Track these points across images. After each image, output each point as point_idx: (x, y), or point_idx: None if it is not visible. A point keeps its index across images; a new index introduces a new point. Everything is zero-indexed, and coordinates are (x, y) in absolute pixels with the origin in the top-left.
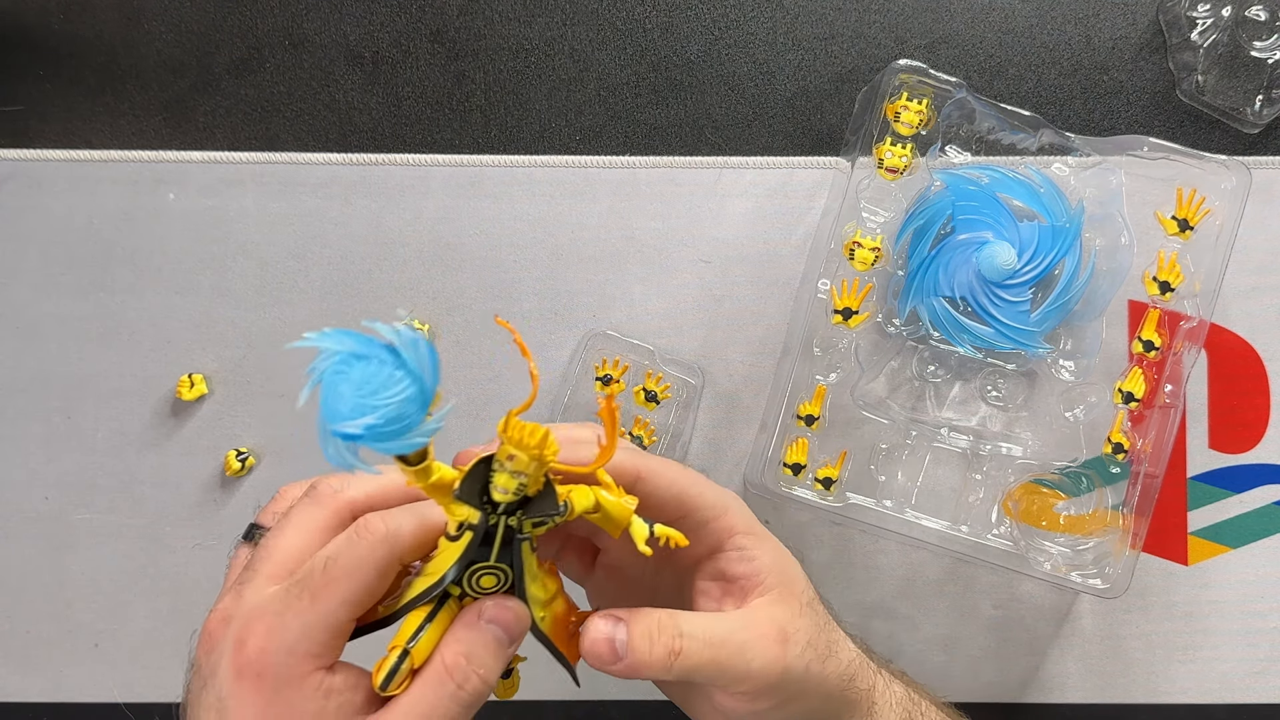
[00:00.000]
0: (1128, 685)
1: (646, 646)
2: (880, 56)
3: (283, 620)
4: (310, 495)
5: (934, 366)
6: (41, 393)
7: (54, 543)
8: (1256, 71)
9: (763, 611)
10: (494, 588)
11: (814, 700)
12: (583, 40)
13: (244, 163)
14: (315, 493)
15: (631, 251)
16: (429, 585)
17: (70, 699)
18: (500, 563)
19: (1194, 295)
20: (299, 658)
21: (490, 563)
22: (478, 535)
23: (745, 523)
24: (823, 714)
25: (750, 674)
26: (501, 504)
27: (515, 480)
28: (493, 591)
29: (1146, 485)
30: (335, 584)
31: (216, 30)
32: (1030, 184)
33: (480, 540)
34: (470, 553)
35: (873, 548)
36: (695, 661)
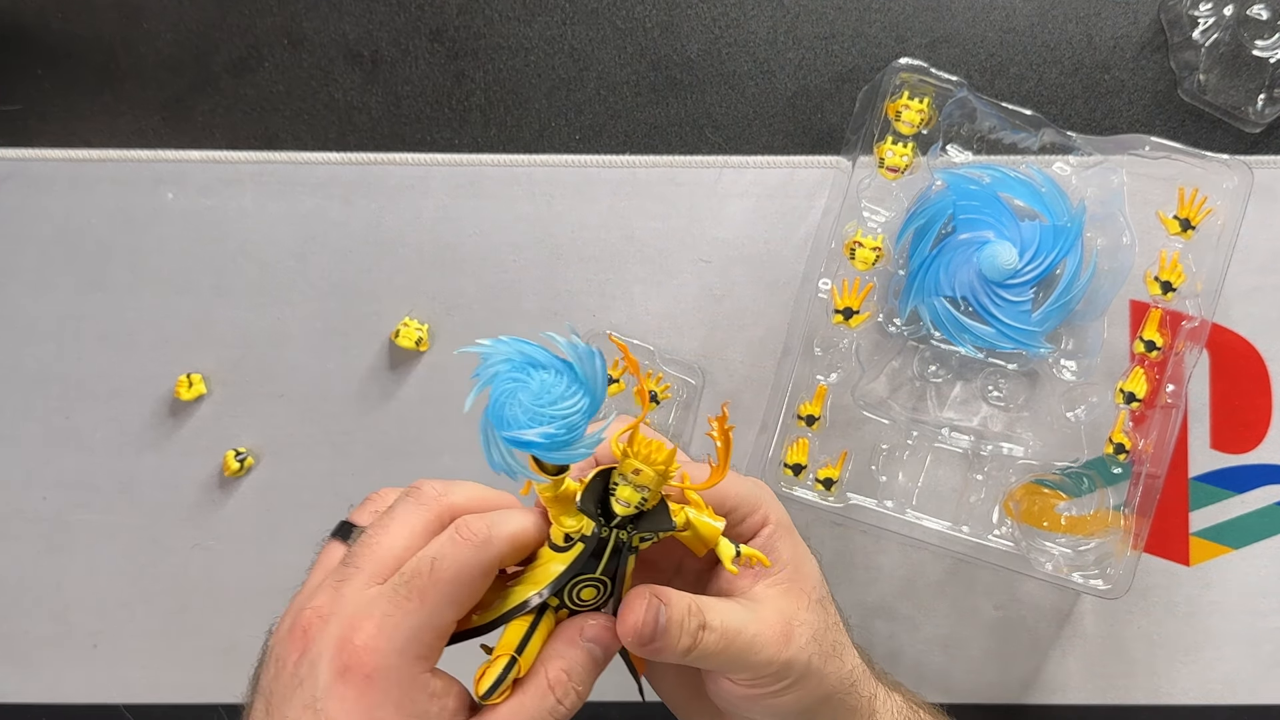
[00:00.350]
0: (1129, 686)
1: (676, 634)
2: (881, 55)
3: (393, 620)
4: (414, 495)
5: (935, 366)
6: (40, 393)
7: (52, 543)
8: (1258, 71)
9: (771, 604)
10: (593, 600)
11: (812, 695)
12: (582, 39)
13: (243, 162)
14: (419, 493)
15: (631, 251)
16: (531, 594)
17: (69, 700)
18: (604, 575)
19: (1196, 295)
20: (409, 659)
21: (595, 575)
22: (589, 547)
23: (776, 515)
24: (823, 716)
25: (753, 665)
26: (618, 517)
27: (639, 494)
28: (591, 604)
29: (1148, 485)
30: (442, 585)
31: (215, 29)
32: (1032, 183)
33: (589, 553)
34: (579, 564)
35: (873, 548)
36: (709, 652)
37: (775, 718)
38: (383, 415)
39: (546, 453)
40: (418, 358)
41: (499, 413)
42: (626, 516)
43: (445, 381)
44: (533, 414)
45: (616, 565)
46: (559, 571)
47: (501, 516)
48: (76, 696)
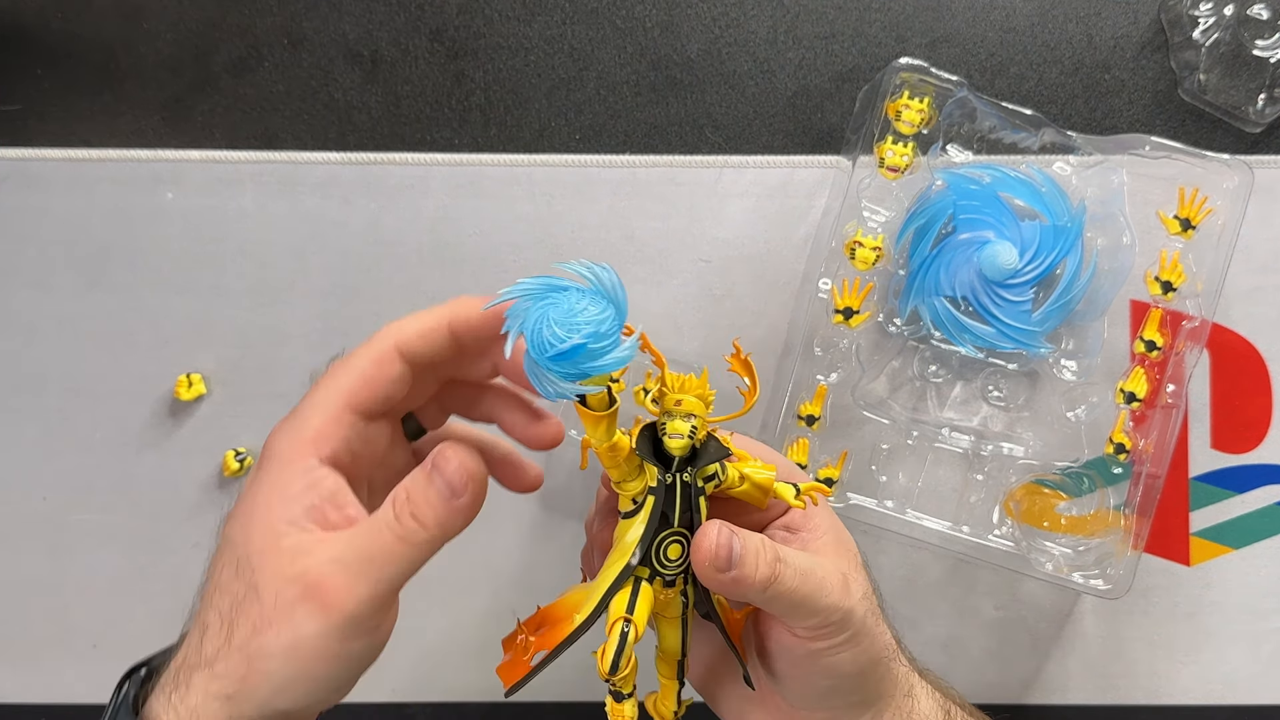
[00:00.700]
0: (1130, 686)
1: (753, 563)
2: (881, 55)
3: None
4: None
5: (935, 366)
6: (39, 393)
7: (52, 543)
8: (1259, 70)
9: (827, 558)
10: (680, 558)
11: (865, 655)
12: (582, 39)
13: (242, 162)
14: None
15: (631, 251)
16: (622, 566)
17: (69, 700)
18: (682, 527)
19: (1196, 295)
20: (296, 442)
21: (674, 527)
22: (659, 498)
23: (805, 485)
24: (868, 682)
25: (821, 609)
26: (675, 458)
27: (687, 424)
28: (679, 562)
29: (1148, 485)
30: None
31: (215, 29)
32: (1032, 183)
33: (661, 505)
34: (655, 520)
35: (874, 548)
36: (787, 587)
37: (831, 680)
38: None
39: (587, 363)
40: None
41: (538, 341)
42: (684, 458)
43: None
44: (567, 327)
45: (690, 514)
46: (639, 534)
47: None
48: (76, 696)
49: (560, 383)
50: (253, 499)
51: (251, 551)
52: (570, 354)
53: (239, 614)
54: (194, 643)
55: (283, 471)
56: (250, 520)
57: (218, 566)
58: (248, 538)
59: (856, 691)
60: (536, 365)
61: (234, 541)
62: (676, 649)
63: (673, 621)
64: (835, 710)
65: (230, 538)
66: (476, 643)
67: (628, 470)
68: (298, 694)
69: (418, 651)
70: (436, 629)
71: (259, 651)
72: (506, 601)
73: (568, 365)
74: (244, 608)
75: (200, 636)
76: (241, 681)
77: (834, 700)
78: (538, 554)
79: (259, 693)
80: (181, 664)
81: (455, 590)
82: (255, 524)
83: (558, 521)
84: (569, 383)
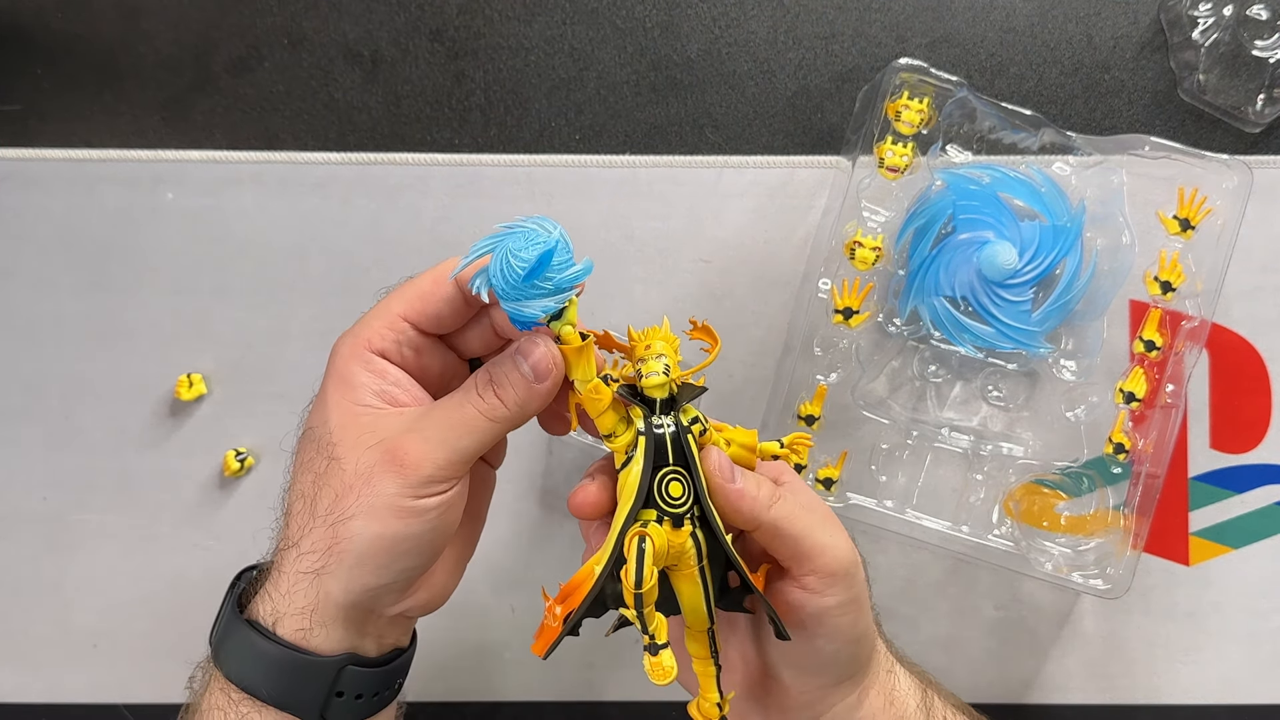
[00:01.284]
0: (1129, 686)
1: (754, 484)
2: (881, 55)
3: (359, 321)
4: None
5: (935, 366)
6: (40, 393)
7: (52, 543)
8: (1258, 70)
9: (830, 520)
10: (682, 495)
11: (864, 620)
12: (583, 39)
13: (243, 162)
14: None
15: (631, 251)
16: (629, 510)
17: (69, 700)
18: (678, 465)
19: (1195, 295)
20: (357, 342)
21: (670, 465)
22: (649, 436)
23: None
24: (862, 651)
25: (829, 546)
26: (657, 399)
27: (660, 363)
28: (683, 500)
29: (1148, 485)
30: (398, 290)
31: (215, 29)
32: (1031, 183)
33: (653, 445)
34: (649, 459)
35: (873, 548)
36: (787, 511)
37: (834, 645)
38: None
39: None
40: None
41: (508, 272)
42: (665, 401)
43: None
44: (527, 249)
45: (683, 451)
46: (639, 474)
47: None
48: (76, 696)
49: (538, 301)
50: (325, 394)
51: (331, 428)
52: (538, 267)
53: (321, 487)
54: (283, 530)
55: (349, 365)
56: (325, 406)
57: (301, 452)
58: (324, 419)
59: (852, 662)
60: (514, 295)
61: (313, 426)
62: (701, 607)
63: (690, 576)
64: (829, 685)
65: (309, 425)
66: (477, 643)
67: (616, 422)
68: (380, 561)
69: (419, 651)
70: (437, 629)
71: (341, 515)
72: (506, 601)
73: (539, 282)
74: (326, 479)
75: (287, 522)
76: (327, 554)
77: (832, 671)
78: (538, 554)
79: (344, 563)
80: (273, 551)
81: (455, 590)
82: (331, 409)
83: (557, 521)
84: (546, 298)
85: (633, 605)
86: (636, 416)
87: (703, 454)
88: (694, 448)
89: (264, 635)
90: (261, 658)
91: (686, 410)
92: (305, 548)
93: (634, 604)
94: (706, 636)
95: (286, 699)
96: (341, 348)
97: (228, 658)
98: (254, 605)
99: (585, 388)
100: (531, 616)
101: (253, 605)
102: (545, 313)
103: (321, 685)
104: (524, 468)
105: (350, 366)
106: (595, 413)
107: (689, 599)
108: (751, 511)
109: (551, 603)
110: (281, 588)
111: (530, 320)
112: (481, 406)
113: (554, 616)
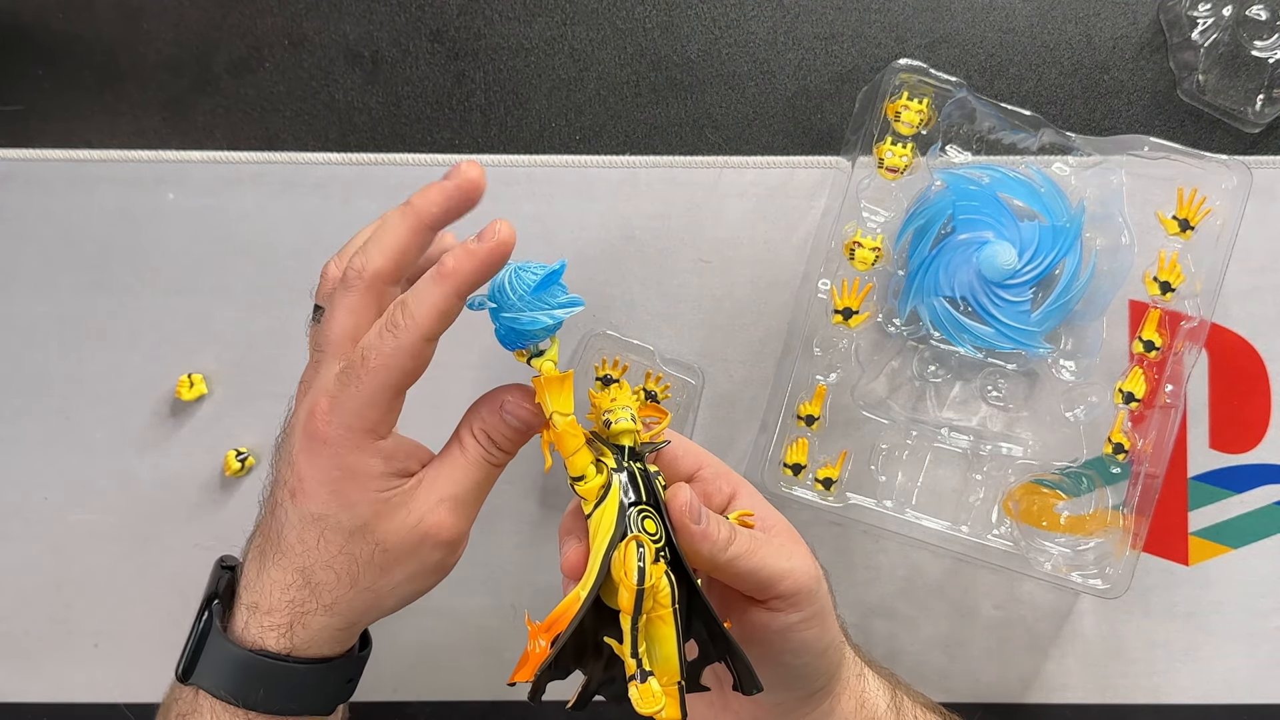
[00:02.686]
0: (1129, 686)
1: (715, 525)
2: (881, 56)
3: (339, 400)
4: (342, 284)
5: (934, 366)
6: (41, 393)
7: (53, 543)
8: (1257, 71)
9: (788, 539)
10: (656, 531)
11: (828, 633)
12: (583, 40)
13: (243, 162)
14: (345, 280)
15: (631, 251)
16: (603, 548)
17: (70, 699)
18: (648, 504)
19: (1195, 295)
20: (356, 432)
21: (642, 503)
22: (621, 474)
23: (746, 487)
24: (830, 663)
25: (788, 571)
26: (625, 446)
27: (626, 411)
28: (656, 535)
29: (1147, 485)
30: (376, 372)
31: (216, 30)
32: (1031, 184)
33: (625, 485)
34: (624, 496)
35: (873, 548)
36: (743, 549)
37: (800, 659)
38: None
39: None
40: None
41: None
42: (632, 448)
43: (445, 381)
44: (532, 268)
45: (651, 488)
46: (614, 513)
47: (418, 296)
48: (77, 696)
49: (539, 313)
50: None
51: (369, 519)
52: (547, 281)
53: (363, 569)
54: (304, 596)
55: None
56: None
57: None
58: (355, 512)
59: (821, 674)
60: (517, 306)
61: (334, 517)
62: (673, 655)
63: (664, 618)
64: (801, 698)
65: (328, 515)
66: (477, 642)
67: (587, 464)
68: (400, 602)
69: (419, 651)
70: (437, 629)
71: (386, 585)
72: (506, 601)
73: (545, 297)
74: (371, 561)
75: (311, 592)
76: (364, 611)
77: (802, 685)
78: (538, 554)
79: (371, 615)
80: (297, 611)
81: (455, 590)
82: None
83: (557, 521)
84: (546, 313)
85: (632, 610)
86: (608, 457)
87: (670, 491)
88: (660, 491)
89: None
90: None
91: (649, 464)
92: (341, 609)
93: (634, 607)
94: (676, 692)
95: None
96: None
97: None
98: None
99: (563, 421)
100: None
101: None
102: (549, 320)
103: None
104: (525, 468)
105: (364, 461)
106: (569, 451)
107: (662, 644)
108: (710, 553)
109: (535, 629)
110: (308, 633)
111: (528, 328)
112: (492, 460)
113: (539, 646)
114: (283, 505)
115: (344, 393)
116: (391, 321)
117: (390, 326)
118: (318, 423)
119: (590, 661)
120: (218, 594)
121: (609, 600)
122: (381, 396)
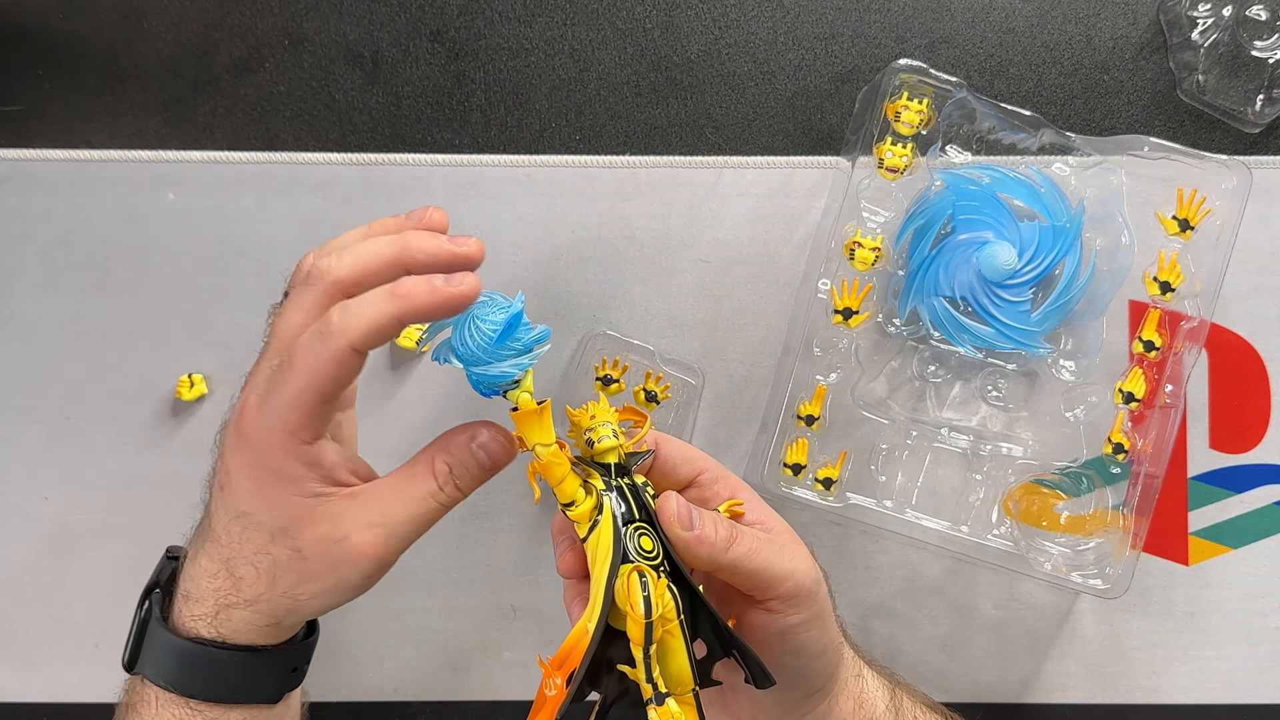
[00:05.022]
0: (1128, 686)
1: (712, 526)
2: (881, 56)
3: (266, 400)
4: (304, 279)
5: (934, 366)
6: (41, 393)
7: (53, 543)
8: (1257, 71)
9: (788, 541)
10: (652, 548)
11: (827, 634)
12: (583, 40)
13: (244, 162)
14: (308, 276)
15: (631, 251)
16: (605, 573)
17: (70, 699)
18: (642, 518)
19: (1194, 295)
20: (278, 433)
21: (637, 520)
22: (612, 495)
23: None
24: (829, 664)
25: (790, 572)
26: (612, 464)
27: (607, 428)
28: (653, 553)
29: (1147, 485)
30: (299, 373)
31: (216, 30)
32: (1031, 184)
33: (616, 506)
34: (618, 519)
35: (873, 548)
36: (746, 549)
37: (800, 660)
38: (383, 415)
39: (526, 335)
40: (418, 358)
41: (477, 337)
42: (617, 466)
43: (445, 382)
44: (489, 314)
45: (643, 504)
46: (610, 537)
47: (359, 306)
48: (77, 696)
49: (509, 362)
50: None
51: (288, 524)
52: (507, 330)
53: (282, 571)
54: (227, 587)
55: (284, 461)
56: (268, 499)
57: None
58: (275, 513)
59: (820, 675)
60: (484, 359)
61: (256, 515)
62: (686, 667)
63: (672, 632)
64: (799, 699)
65: (250, 513)
66: (477, 642)
67: (576, 488)
68: (320, 611)
69: (419, 651)
70: (437, 629)
71: (304, 593)
72: (506, 601)
73: (508, 344)
74: (290, 566)
75: (233, 585)
76: (285, 614)
77: (800, 686)
78: (538, 554)
79: (292, 617)
80: (221, 602)
81: (455, 590)
82: (278, 504)
83: None
84: (517, 358)
85: (643, 641)
86: (595, 478)
87: (659, 503)
88: (651, 504)
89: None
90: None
91: (636, 475)
92: (262, 608)
93: (644, 638)
94: (693, 699)
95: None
96: (262, 439)
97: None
98: (195, 629)
99: (546, 452)
100: (532, 617)
101: (193, 629)
102: (519, 370)
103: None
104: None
105: (287, 463)
106: (555, 479)
107: (673, 657)
108: (710, 556)
109: (548, 668)
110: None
111: (499, 381)
112: (442, 499)
113: (554, 685)
114: (215, 497)
115: (271, 393)
116: (324, 325)
117: (321, 331)
118: (245, 420)
119: (604, 677)
120: (159, 583)
121: (616, 624)
122: (304, 400)
